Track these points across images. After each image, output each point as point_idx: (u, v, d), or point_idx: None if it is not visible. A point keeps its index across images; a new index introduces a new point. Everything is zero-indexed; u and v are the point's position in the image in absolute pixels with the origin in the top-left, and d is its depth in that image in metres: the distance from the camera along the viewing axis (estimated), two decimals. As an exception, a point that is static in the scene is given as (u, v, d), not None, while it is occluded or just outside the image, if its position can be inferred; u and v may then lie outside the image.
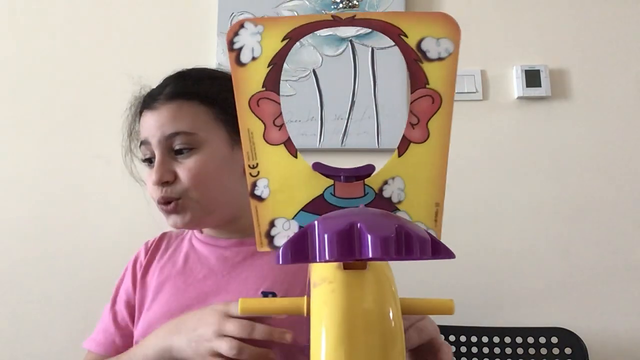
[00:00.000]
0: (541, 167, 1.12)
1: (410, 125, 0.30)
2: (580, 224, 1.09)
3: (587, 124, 1.14)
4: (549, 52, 1.16)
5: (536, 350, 0.91)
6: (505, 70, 1.16)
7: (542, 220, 1.09)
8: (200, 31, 1.18)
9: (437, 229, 0.31)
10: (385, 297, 0.30)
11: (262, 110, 0.32)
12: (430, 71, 0.30)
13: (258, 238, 0.32)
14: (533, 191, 1.11)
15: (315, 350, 0.28)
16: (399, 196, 0.31)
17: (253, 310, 0.37)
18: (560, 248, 1.08)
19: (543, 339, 0.92)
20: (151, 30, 1.19)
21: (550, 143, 1.13)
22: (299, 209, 0.32)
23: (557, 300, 1.06)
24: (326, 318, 0.28)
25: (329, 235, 0.26)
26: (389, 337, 0.28)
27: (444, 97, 0.30)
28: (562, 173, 1.12)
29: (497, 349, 0.93)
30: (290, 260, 0.27)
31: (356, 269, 0.30)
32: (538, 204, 1.10)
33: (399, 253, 0.25)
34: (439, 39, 0.30)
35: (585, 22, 1.17)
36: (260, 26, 0.32)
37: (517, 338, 0.93)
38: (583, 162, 1.12)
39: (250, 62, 0.32)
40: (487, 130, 1.14)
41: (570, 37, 1.17)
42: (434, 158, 0.31)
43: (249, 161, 0.32)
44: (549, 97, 1.14)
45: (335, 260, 0.26)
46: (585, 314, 1.05)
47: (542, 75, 1.13)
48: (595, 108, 1.14)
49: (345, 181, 0.32)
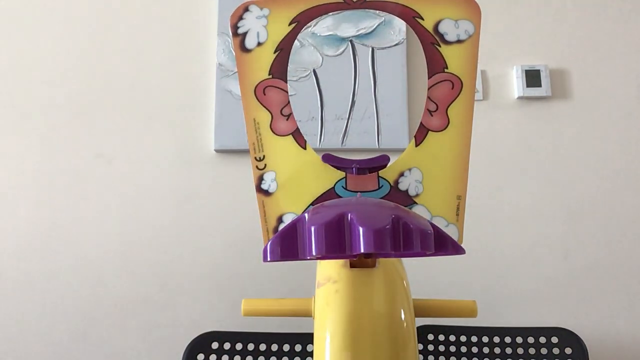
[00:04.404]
0: (541, 167, 1.12)
1: (428, 112, 0.28)
2: (580, 223, 1.08)
3: (587, 124, 1.13)
4: (549, 52, 1.16)
5: (536, 350, 0.90)
6: (506, 70, 1.16)
7: (541, 220, 1.09)
8: (200, 31, 1.17)
9: (459, 223, 0.29)
10: (396, 298, 0.28)
11: (269, 99, 0.30)
12: (449, 55, 0.28)
13: (265, 235, 0.30)
14: (533, 191, 1.10)
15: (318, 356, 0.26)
16: (417, 189, 0.29)
17: (257, 311, 0.35)
18: (560, 248, 1.08)
19: (543, 339, 0.91)
20: (151, 30, 1.18)
21: (550, 143, 1.13)
22: (308, 203, 0.30)
23: (557, 300, 1.05)
24: (329, 321, 0.26)
25: (315, 228, 0.23)
26: (400, 343, 0.26)
27: (464, 82, 0.28)
28: (562, 173, 1.11)
29: (497, 349, 0.92)
30: (279, 257, 0.24)
31: (364, 267, 0.28)
32: (538, 203, 1.10)
33: (396, 248, 0.22)
34: (458, 20, 0.28)
35: (585, 22, 1.17)
36: (266, 9, 0.30)
37: (517, 338, 0.92)
38: (583, 162, 1.12)
39: (255, 47, 0.30)
40: (487, 130, 1.13)
41: (570, 37, 1.17)
42: (454, 147, 0.29)
43: (255, 153, 0.30)
44: (549, 97, 1.14)
45: (323, 256, 0.24)
46: (585, 314, 1.04)
47: (542, 75, 1.13)
48: (595, 108, 1.14)
49: (358, 173, 0.30)
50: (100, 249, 1.09)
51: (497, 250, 1.08)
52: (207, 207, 1.10)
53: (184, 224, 1.09)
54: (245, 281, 1.06)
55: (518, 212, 1.10)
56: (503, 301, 1.06)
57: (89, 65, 1.17)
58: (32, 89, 1.16)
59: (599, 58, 1.16)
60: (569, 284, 1.06)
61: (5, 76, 1.17)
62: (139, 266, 1.08)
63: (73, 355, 1.05)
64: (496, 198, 1.10)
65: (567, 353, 0.89)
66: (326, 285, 0.28)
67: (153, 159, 1.12)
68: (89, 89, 1.16)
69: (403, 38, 1.12)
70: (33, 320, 1.06)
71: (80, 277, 1.08)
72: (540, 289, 1.06)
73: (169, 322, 1.06)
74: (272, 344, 0.86)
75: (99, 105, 1.15)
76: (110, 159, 1.12)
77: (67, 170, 1.12)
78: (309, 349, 0.87)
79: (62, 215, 1.10)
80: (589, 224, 1.08)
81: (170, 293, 1.07)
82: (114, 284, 1.07)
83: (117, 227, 1.09)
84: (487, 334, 0.93)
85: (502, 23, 1.18)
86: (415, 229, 0.23)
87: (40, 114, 1.15)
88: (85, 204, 1.11)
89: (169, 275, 1.08)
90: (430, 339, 0.91)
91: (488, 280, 1.07)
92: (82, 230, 1.10)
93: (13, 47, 1.19)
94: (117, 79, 1.16)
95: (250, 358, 0.85)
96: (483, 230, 1.09)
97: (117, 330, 1.05)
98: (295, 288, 1.04)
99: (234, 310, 1.01)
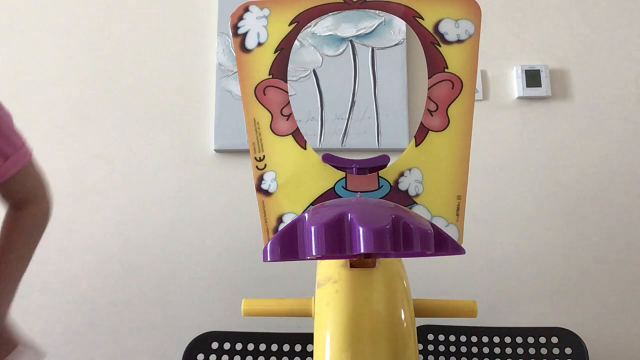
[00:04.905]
0: (541, 167, 1.12)
1: (429, 112, 0.28)
2: (580, 223, 1.08)
3: (587, 124, 1.13)
4: (549, 52, 1.16)
5: (536, 350, 0.91)
6: (506, 70, 1.16)
7: (542, 220, 1.09)
8: (200, 31, 1.17)
9: (459, 223, 0.29)
10: (396, 298, 0.27)
11: (269, 99, 0.30)
12: (449, 54, 0.28)
13: (265, 234, 0.30)
14: (533, 191, 1.10)
15: (318, 356, 0.26)
16: (417, 189, 0.29)
17: (257, 311, 0.34)
18: (560, 248, 1.08)
19: (543, 339, 0.91)
20: (151, 30, 1.18)
21: (550, 143, 1.13)
22: (308, 203, 0.30)
23: (557, 300, 1.05)
24: (329, 321, 0.26)
25: (315, 228, 0.23)
26: (400, 343, 0.26)
27: (464, 82, 0.28)
28: (562, 173, 1.11)
29: (497, 349, 0.92)
30: (279, 257, 0.24)
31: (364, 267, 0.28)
32: (538, 203, 1.10)
33: (396, 247, 0.22)
34: (458, 20, 0.28)
35: (585, 22, 1.17)
36: (266, 9, 0.30)
37: (517, 338, 0.92)
38: (583, 162, 1.12)
39: (255, 47, 0.30)
40: (487, 130, 1.13)
41: (570, 37, 1.17)
42: (454, 147, 0.29)
43: (255, 153, 0.30)
44: (549, 97, 1.14)
45: (323, 256, 0.24)
46: (585, 314, 1.04)
47: (542, 75, 1.13)
48: (595, 108, 1.14)
49: (358, 173, 0.30)
50: (100, 249, 1.08)
51: (497, 250, 1.08)
52: (206, 207, 1.10)
53: (184, 224, 1.09)
54: (245, 281, 1.06)
55: (518, 212, 1.09)
56: (503, 301, 1.06)
57: (89, 66, 1.17)
58: (32, 89, 1.16)
59: (598, 58, 1.16)
60: (569, 284, 1.06)
61: (5, 76, 1.17)
62: (139, 266, 1.08)
63: (73, 355, 1.05)
64: (496, 198, 1.10)
65: (567, 353, 0.89)
66: (326, 285, 0.28)
67: (153, 159, 1.12)
68: (88, 89, 1.16)
69: (403, 38, 1.12)
70: (33, 320, 1.06)
71: (80, 277, 1.08)
72: (540, 289, 1.06)
73: (169, 322, 1.06)
74: (272, 344, 0.86)
75: (99, 105, 1.15)
76: (110, 159, 1.12)
77: (67, 170, 1.12)
78: (309, 349, 0.87)
79: (62, 215, 1.10)
80: (589, 224, 1.08)
81: (170, 293, 1.07)
82: (113, 284, 1.07)
83: (117, 227, 1.09)
84: (487, 334, 0.93)
85: (502, 23, 1.18)
86: (415, 229, 0.23)
87: (41, 114, 1.15)
88: (85, 204, 1.11)
89: (169, 275, 1.07)
90: (430, 339, 0.91)
91: (488, 280, 1.06)
92: (82, 230, 1.09)
93: (13, 48, 1.19)
94: (117, 79, 1.16)
95: (250, 358, 0.85)
96: (483, 230, 1.08)
97: (117, 330, 1.05)
98: (295, 288, 1.04)
99: (234, 310, 1.01)
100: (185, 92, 1.15)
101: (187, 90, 1.15)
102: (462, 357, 0.92)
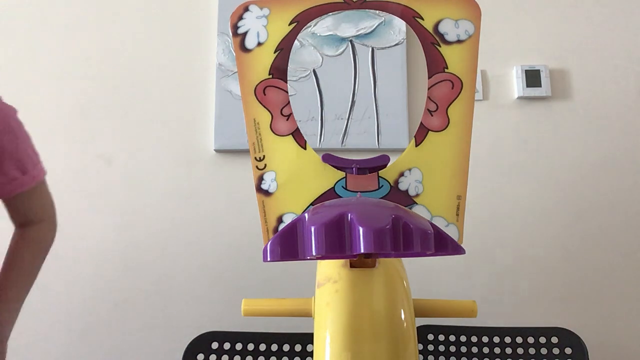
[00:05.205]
0: (541, 167, 1.11)
1: (429, 112, 0.28)
2: (580, 223, 1.08)
3: (587, 124, 1.13)
4: (549, 52, 1.16)
5: (536, 350, 0.90)
6: (506, 70, 1.16)
7: (542, 220, 1.09)
8: (200, 31, 1.17)
9: (459, 223, 0.29)
10: (396, 298, 0.27)
11: (269, 99, 0.30)
12: (449, 55, 0.28)
13: (265, 234, 0.30)
14: (533, 191, 1.10)
15: (318, 356, 0.26)
16: (417, 189, 0.29)
17: (257, 311, 0.34)
18: (560, 248, 1.08)
19: (543, 339, 0.91)
20: (151, 30, 1.18)
21: (550, 143, 1.13)
22: (308, 203, 0.30)
23: (557, 300, 1.05)
24: (329, 321, 0.26)
25: (315, 228, 0.23)
26: (400, 343, 0.26)
27: (464, 82, 0.28)
28: (562, 173, 1.11)
29: (497, 349, 0.92)
30: (279, 257, 0.24)
31: (364, 267, 0.28)
32: (538, 203, 1.10)
33: (396, 247, 0.22)
34: (458, 20, 0.28)
35: (585, 22, 1.17)
36: (266, 9, 0.30)
37: (517, 338, 0.92)
38: (583, 162, 1.11)
39: (255, 47, 0.30)
40: (487, 130, 1.13)
41: (570, 37, 1.17)
42: (454, 147, 0.29)
43: (255, 153, 0.30)
44: (549, 97, 1.14)
45: (323, 256, 0.24)
46: (585, 314, 1.04)
47: (542, 75, 1.13)
48: (595, 108, 1.14)
49: (358, 173, 0.30)
50: (100, 249, 1.08)
51: (497, 250, 1.08)
52: (206, 206, 1.10)
53: (184, 224, 1.09)
54: (245, 281, 1.06)
55: (518, 212, 1.09)
56: (503, 301, 1.06)
57: (89, 66, 1.17)
58: (32, 90, 1.16)
59: (598, 58, 1.16)
60: (569, 284, 1.06)
61: (6, 76, 1.17)
62: (139, 266, 1.08)
63: (73, 355, 1.05)
64: (496, 198, 1.10)
65: (567, 353, 0.89)
66: (326, 285, 0.28)
67: (153, 159, 1.12)
68: (89, 89, 1.16)
69: (403, 38, 1.12)
70: (33, 320, 1.06)
71: (80, 277, 1.08)
72: (540, 289, 1.06)
73: (169, 322, 1.05)
74: (272, 344, 0.86)
75: (99, 105, 1.15)
76: (110, 159, 1.12)
77: (67, 170, 1.12)
78: (309, 349, 0.87)
79: (61, 215, 1.10)
80: (589, 224, 1.08)
81: (170, 293, 1.07)
82: (113, 284, 1.07)
83: (117, 227, 1.09)
84: (487, 334, 0.93)
85: (502, 23, 1.18)
86: (415, 229, 0.23)
87: (41, 114, 1.15)
88: (85, 204, 1.11)
89: (169, 275, 1.07)
90: (430, 339, 0.91)
91: (488, 280, 1.06)
92: (82, 230, 1.09)
93: (13, 48, 1.18)
94: (117, 79, 1.16)
95: (250, 358, 0.85)
96: (483, 230, 1.08)
97: (117, 330, 1.05)
98: (295, 288, 1.04)
99: (234, 310, 1.01)
100: (185, 92, 1.15)
101: (187, 90, 1.15)
102: (462, 357, 0.92)
